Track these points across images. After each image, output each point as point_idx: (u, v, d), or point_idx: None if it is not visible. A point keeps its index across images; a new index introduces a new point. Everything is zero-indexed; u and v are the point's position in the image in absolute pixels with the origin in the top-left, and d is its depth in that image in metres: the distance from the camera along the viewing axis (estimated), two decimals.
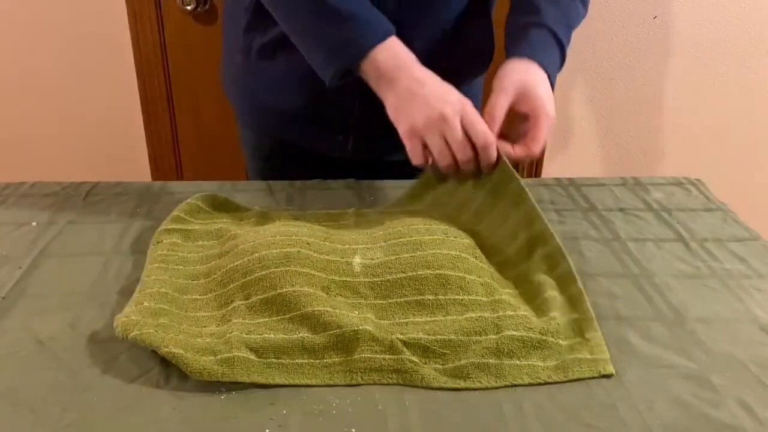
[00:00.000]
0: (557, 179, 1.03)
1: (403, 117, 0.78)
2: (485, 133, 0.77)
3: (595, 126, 1.91)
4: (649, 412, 0.57)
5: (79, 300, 0.70)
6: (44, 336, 0.64)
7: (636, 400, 0.58)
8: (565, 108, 1.86)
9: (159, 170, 1.79)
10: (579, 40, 1.79)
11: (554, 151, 1.93)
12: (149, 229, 0.84)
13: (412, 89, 0.78)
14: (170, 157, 1.78)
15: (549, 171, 1.94)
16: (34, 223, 0.85)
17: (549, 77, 0.86)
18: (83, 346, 0.63)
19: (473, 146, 0.77)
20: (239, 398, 0.57)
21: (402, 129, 0.79)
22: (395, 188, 0.97)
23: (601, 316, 0.70)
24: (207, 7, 1.60)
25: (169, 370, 0.60)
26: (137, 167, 1.83)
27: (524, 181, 0.78)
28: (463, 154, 0.77)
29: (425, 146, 0.78)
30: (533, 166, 1.94)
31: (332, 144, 1.03)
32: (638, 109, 1.89)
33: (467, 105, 0.78)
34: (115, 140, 1.82)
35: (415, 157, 0.79)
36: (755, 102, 1.90)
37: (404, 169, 0.88)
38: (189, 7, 1.58)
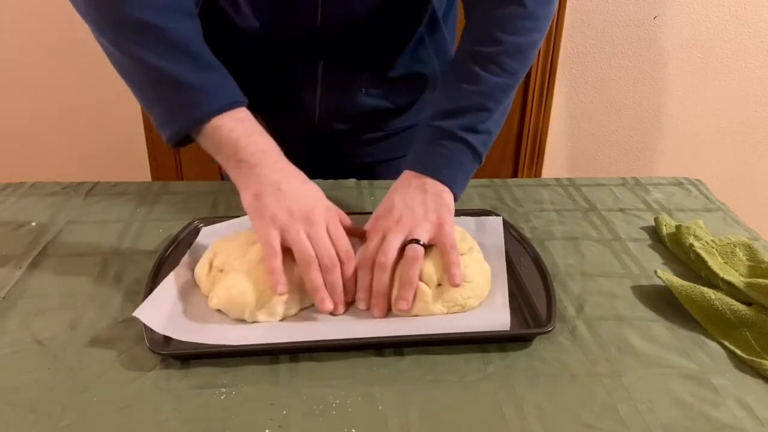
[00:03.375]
0: (557, 179, 1.03)
1: (263, 206, 0.69)
2: (347, 247, 0.69)
3: (595, 126, 1.91)
4: (649, 412, 0.57)
5: (79, 300, 0.70)
6: (44, 336, 0.64)
7: (636, 401, 0.58)
8: (565, 108, 1.86)
9: (159, 170, 1.79)
10: (579, 40, 1.79)
11: (554, 151, 1.93)
12: (149, 229, 0.85)
13: (277, 181, 0.70)
14: (170, 157, 1.78)
15: (549, 171, 1.94)
16: (34, 223, 0.85)
17: (452, 190, 0.74)
18: (83, 346, 0.63)
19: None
20: (239, 398, 0.57)
21: (261, 216, 0.69)
22: None
23: (601, 316, 0.70)
24: None
25: (169, 370, 0.60)
26: (137, 167, 1.83)
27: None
28: (329, 257, 0.67)
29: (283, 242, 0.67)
30: (533, 166, 1.94)
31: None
32: (638, 109, 1.89)
33: (335, 215, 0.71)
34: (115, 140, 1.82)
35: (269, 248, 0.66)
36: (755, 102, 1.90)
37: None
38: None
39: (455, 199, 0.74)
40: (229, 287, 0.66)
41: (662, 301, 0.72)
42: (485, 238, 0.81)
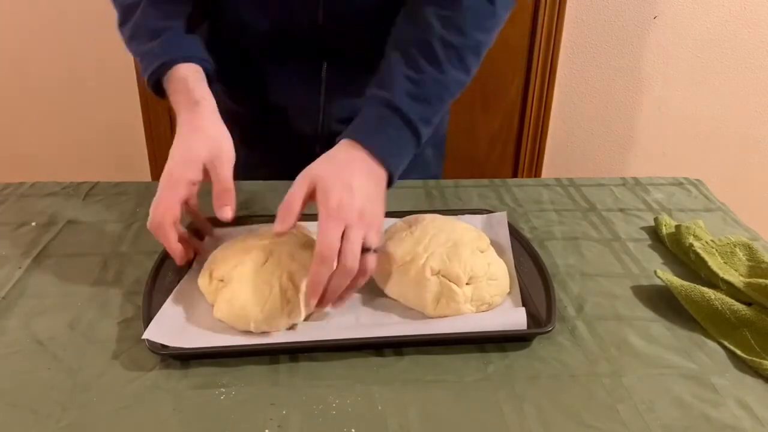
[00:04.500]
0: (557, 179, 1.03)
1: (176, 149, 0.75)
2: (224, 180, 0.71)
3: (595, 126, 1.91)
4: (649, 412, 0.57)
5: (79, 300, 0.70)
6: (44, 336, 0.64)
7: (636, 401, 0.58)
8: (565, 108, 1.86)
9: (159, 170, 1.79)
10: (579, 40, 1.79)
11: (554, 151, 1.93)
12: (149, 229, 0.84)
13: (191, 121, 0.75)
14: None
15: (549, 171, 1.94)
16: (33, 223, 0.85)
17: (385, 164, 0.70)
18: (83, 346, 0.63)
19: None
20: (239, 398, 0.57)
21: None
22: (395, 188, 0.97)
23: (601, 316, 0.70)
24: None
25: (169, 370, 0.60)
26: (137, 167, 1.83)
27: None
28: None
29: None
30: (533, 166, 1.94)
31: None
32: (638, 109, 1.89)
33: (223, 153, 0.72)
34: (115, 140, 1.82)
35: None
36: (755, 102, 1.90)
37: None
38: None
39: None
40: (230, 300, 0.65)
41: (662, 301, 0.72)
42: (493, 235, 0.81)
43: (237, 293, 0.65)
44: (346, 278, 0.63)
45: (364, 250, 0.64)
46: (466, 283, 0.69)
